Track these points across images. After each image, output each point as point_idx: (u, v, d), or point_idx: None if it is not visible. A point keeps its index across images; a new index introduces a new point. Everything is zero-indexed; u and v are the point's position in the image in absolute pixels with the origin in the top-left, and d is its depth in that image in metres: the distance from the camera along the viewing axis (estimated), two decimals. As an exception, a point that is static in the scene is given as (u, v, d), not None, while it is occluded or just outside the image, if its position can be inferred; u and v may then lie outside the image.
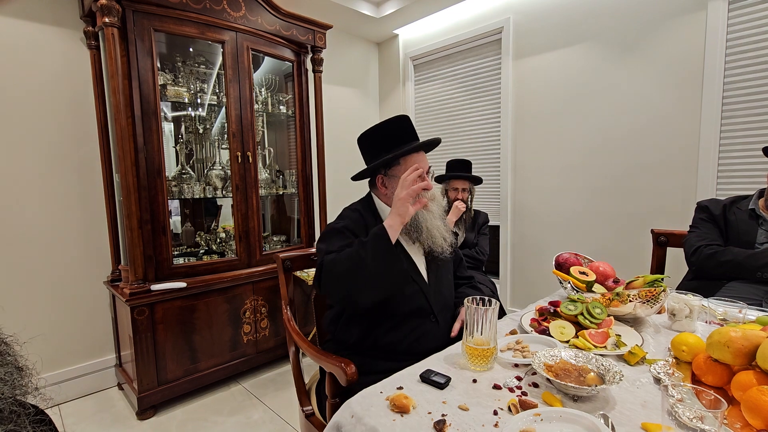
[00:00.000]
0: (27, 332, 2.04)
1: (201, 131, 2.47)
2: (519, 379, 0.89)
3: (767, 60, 1.93)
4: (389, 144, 1.26)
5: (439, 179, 2.63)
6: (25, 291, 2.05)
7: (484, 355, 0.92)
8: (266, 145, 2.78)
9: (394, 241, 1.08)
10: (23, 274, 2.04)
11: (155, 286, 1.99)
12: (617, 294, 1.19)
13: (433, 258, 1.29)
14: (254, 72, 2.43)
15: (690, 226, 1.71)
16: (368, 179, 1.37)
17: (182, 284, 2.07)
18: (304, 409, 1.31)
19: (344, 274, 1.05)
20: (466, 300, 0.96)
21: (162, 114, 2.07)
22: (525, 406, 0.76)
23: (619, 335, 1.06)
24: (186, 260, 2.31)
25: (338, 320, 1.27)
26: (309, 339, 1.32)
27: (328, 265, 1.08)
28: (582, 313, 1.14)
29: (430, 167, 1.29)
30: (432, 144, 1.33)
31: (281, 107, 2.72)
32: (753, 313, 1.18)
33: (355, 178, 1.36)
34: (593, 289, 1.35)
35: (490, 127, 3.08)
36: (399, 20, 3.26)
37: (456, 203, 2.47)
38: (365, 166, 1.34)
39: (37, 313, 2.09)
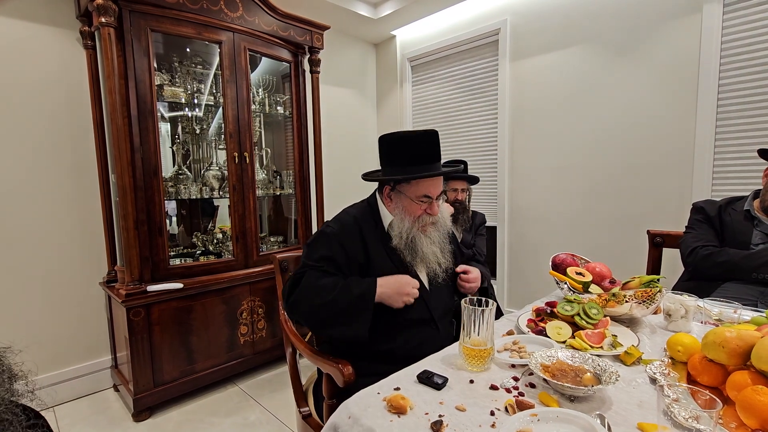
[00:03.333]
0: (21, 334, 2.03)
1: (198, 131, 2.46)
2: (516, 379, 0.89)
3: (762, 62, 1.95)
4: (407, 159, 1.20)
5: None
6: (20, 292, 2.04)
7: (481, 355, 0.92)
8: (263, 146, 2.77)
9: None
10: (18, 275, 2.03)
11: (151, 287, 1.98)
12: (613, 295, 1.19)
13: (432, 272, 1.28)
14: (251, 72, 2.42)
15: (686, 227, 1.72)
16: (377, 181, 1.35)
17: (179, 285, 2.06)
18: (301, 410, 1.31)
19: (319, 307, 1.10)
20: (463, 301, 0.96)
21: (158, 114, 2.06)
22: (522, 406, 0.76)
23: (616, 336, 1.06)
24: (182, 261, 2.30)
25: None
26: (306, 340, 1.32)
27: (308, 288, 1.12)
28: (578, 314, 1.14)
29: (442, 192, 1.26)
30: (451, 171, 1.34)
31: (278, 108, 2.71)
32: (748, 314, 1.19)
33: (366, 177, 1.32)
34: (590, 289, 1.35)
35: (488, 128, 3.08)
36: (396, 21, 3.26)
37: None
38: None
39: (32, 314, 2.08)
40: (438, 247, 1.26)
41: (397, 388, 0.86)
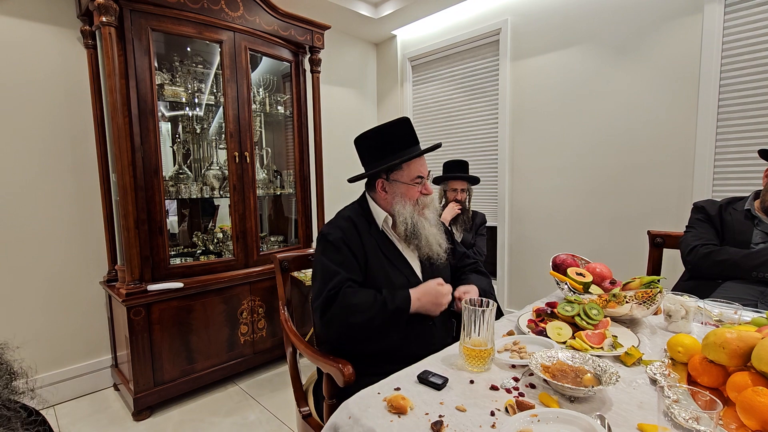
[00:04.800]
0: (22, 333, 2.03)
1: (198, 131, 2.46)
2: (516, 380, 0.89)
3: (763, 62, 1.95)
4: (391, 148, 1.25)
5: (437, 180, 2.64)
6: (20, 291, 2.04)
7: (481, 356, 0.92)
8: (264, 145, 2.77)
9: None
10: (18, 274, 2.03)
11: (152, 287, 1.98)
12: (614, 295, 1.19)
13: (429, 260, 1.30)
14: (252, 72, 2.42)
15: (686, 226, 1.72)
16: (365, 180, 1.36)
17: (179, 284, 2.06)
18: (301, 410, 1.31)
19: (356, 326, 1.12)
20: (464, 301, 0.97)
21: (159, 113, 2.06)
22: (522, 407, 0.76)
23: (616, 336, 1.06)
24: (183, 260, 2.30)
25: None
26: (306, 339, 1.32)
27: (344, 307, 1.12)
28: (579, 314, 1.14)
29: (429, 171, 1.30)
30: (434, 148, 1.34)
31: (279, 107, 2.71)
32: (748, 315, 1.19)
33: (353, 180, 1.35)
34: (590, 290, 1.35)
35: (488, 128, 3.08)
36: (397, 21, 3.26)
37: (451, 203, 2.49)
38: (362, 167, 1.34)
39: (33, 313, 2.08)
40: (436, 228, 1.31)
41: (398, 389, 0.86)
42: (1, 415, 0.52)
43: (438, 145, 1.34)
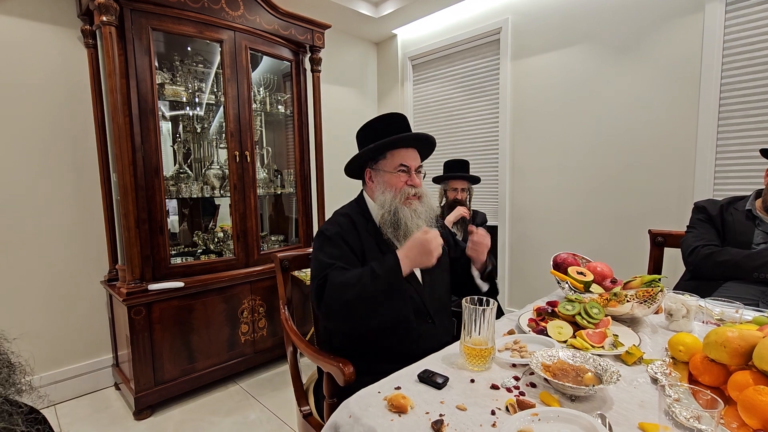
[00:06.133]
0: (23, 332, 2.03)
1: (199, 130, 2.46)
2: (517, 379, 0.89)
3: (764, 61, 1.94)
4: (380, 134, 1.24)
5: (437, 180, 2.64)
6: (21, 291, 2.04)
7: (482, 355, 0.92)
8: (264, 145, 2.77)
9: (405, 274, 1.07)
10: (19, 274, 2.03)
11: (152, 286, 1.98)
12: (615, 294, 1.19)
13: None
14: (252, 71, 2.42)
15: (687, 226, 1.72)
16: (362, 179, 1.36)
17: (179, 284, 2.06)
18: (302, 409, 1.31)
19: (352, 302, 1.04)
20: (464, 300, 0.96)
21: (160, 113, 2.06)
22: (523, 406, 0.76)
23: (617, 335, 1.06)
24: (183, 260, 2.30)
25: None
26: (307, 339, 1.32)
27: (335, 288, 1.06)
28: (579, 313, 1.14)
29: (420, 165, 1.27)
30: (423, 141, 1.28)
31: (279, 107, 2.71)
32: (749, 314, 1.19)
33: (346, 170, 1.34)
34: (591, 289, 1.35)
35: (489, 128, 3.08)
36: (397, 20, 3.26)
37: (460, 209, 2.46)
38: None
39: (34, 313, 2.08)
40: (423, 221, 1.23)
41: (398, 388, 0.86)
42: (3, 410, 0.53)
43: (424, 137, 1.26)
